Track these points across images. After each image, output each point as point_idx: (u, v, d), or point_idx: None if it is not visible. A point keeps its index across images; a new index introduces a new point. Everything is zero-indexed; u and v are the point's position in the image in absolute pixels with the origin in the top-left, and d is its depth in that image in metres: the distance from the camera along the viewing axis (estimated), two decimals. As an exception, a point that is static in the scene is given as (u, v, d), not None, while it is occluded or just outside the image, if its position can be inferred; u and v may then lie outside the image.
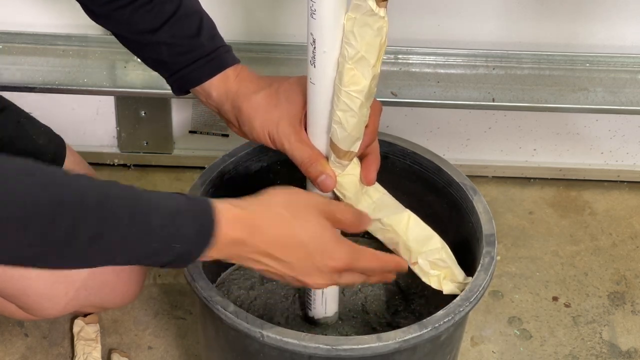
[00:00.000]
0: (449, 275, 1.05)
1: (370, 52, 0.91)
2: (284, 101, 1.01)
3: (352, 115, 0.94)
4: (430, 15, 1.48)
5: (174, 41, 1.05)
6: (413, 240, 1.05)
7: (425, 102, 1.46)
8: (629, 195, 1.66)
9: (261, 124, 1.02)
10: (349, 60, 0.91)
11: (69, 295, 1.17)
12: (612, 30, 1.50)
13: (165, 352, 1.37)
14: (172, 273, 1.47)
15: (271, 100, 1.02)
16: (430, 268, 1.05)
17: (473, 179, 1.18)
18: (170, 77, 1.08)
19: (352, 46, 0.90)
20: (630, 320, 1.44)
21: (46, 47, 1.48)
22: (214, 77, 1.05)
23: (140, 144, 1.63)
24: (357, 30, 0.89)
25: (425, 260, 1.04)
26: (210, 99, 1.07)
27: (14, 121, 1.15)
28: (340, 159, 0.99)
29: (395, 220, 1.04)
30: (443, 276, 1.05)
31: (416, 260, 1.05)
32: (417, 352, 1.01)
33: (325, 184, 1.00)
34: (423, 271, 1.05)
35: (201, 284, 1.01)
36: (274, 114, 1.01)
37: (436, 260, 1.05)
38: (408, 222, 1.05)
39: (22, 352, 1.36)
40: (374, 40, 0.90)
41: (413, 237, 1.05)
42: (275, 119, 1.01)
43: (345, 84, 0.92)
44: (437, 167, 1.17)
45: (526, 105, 1.46)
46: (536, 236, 1.57)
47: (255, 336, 0.97)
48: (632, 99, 1.47)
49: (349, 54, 0.91)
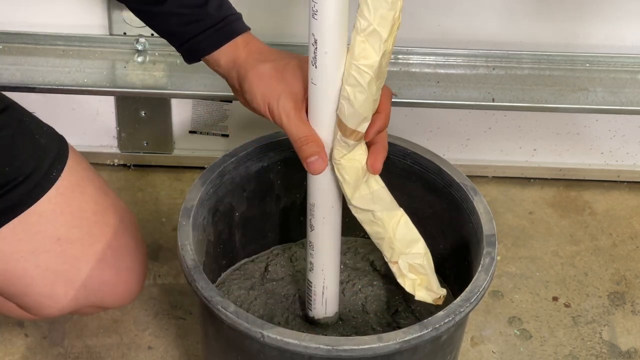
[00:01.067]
0: (424, 282, 1.06)
1: (383, 26, 0.90)
2: (290, 77, 1.01)
3: (361, 91, 0.94)
4: (430, 15, 1.48)
5: (181, 11, 1.06)
6: (399, 240, 1.05)
7: (425, 102, 1.46)
8: (629, 195, 1.66)
9: (262, 95, 1.01)
10: (361, 32, 0.90)
11: (69, 295, 1.17)
12: (612, 30, 1.50)
13: (165, 352, 1.37)
14: (172, 273, 1.47)
15: (277, 73, 1.01)
16: (408, 271, 1.05)
17: (473, 179, 1.18)
18: (180, 47, 1.09)
19: (365, 18, 0.89)
20: (630, 320, 1.44)
21: (46, 47, 1.48)
22: (222, 46, 1.05)
23: (140, 144, 1.63)
24: (372, 2, 0.88)
25: (405, 263, 1.05)
26: (219, 67, 1.07)
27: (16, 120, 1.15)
28: (346, 138, 0.98)
29: (387, 216, 1.04)
30: (418, 282, 1.06)
31: (397, 260, 1.05)
32: (418, 352, 1.01)
33: (315, 165, 0.99)
34: (401, 272, 1.06)
35: (201, 284, 1.01)
36: (277, 87, 1.00)
37: (416, 265, 1.05)
38: (399, 221, 1.05)
39: (22, 352, 1.36)
40: (387, 14, 0.89)
41: (400, 237, 1.05)
42: (277, 92, 1.00)
43: (355, 57, 0.91)
44: (437, 167, 1.17)
45: (526, 105, 1.46)
46: (536, 236, 1.57)
47: (256, 336, 0.97)
48: (632, 99, 1.47)
49: (361, 26, 0.89)
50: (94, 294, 1.18)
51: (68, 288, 1.16)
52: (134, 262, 1.20)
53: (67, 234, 1.12)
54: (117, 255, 1.17)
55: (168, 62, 1.48)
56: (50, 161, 1.11)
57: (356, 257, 1.28)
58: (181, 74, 1.47)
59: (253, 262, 1.27)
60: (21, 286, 1.14)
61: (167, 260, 1.49)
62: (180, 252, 1.06)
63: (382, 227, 1.05)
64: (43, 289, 1.14)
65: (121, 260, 1.18)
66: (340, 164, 1.00)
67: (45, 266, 1.13)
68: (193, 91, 1.46)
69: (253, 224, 1.24)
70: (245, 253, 1.27)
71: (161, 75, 1.47)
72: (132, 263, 1.20)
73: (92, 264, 1.15)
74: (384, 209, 1.04)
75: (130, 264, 1.20)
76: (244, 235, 1.24)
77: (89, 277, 1.17)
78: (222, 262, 1.23)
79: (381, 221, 1.04)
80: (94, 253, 1.15)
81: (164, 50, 1.49)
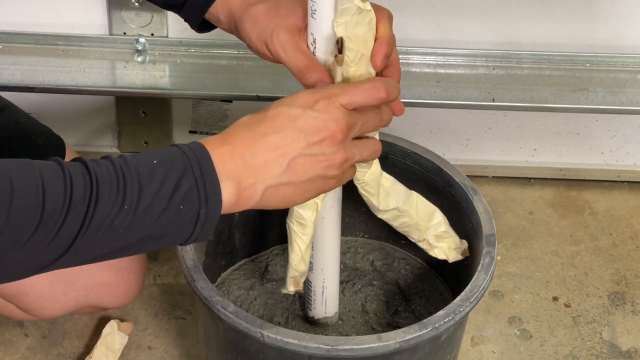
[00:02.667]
0: (451, 244, 1.12)
1: (367, 48, 0.91)
2: (284, 11, 0.97)
3: None
4: (430, 15, 1.48)
5: None
6: (422, 219, 1.09)
7: (425, 102, 1.46)
8: (629, 195, 1.66)
9: (258, 35, 0.98)
10: (352, 63, 0.91)
11: (68, 295, 1.17)
12: (612, 30, 1.50)
13: (165, 352, 1.37)
14: (172, 273, 1.47)
15: (270, 10, 0.98)
16: (436, 241, 1.11)
17: (473, 179, 1.18)
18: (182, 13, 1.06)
19: (350, 50, 0.90)
20: (630, 320, 1.44)
21: (46, 47, 1.48)
22: (216, 0, 1.03)
23: (140, 144, 1.63)
24: (351, 32, 0.89)
25: (432, 236, 1.10)
26: (222, 24, 1.04)
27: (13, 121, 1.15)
28: None
29: (408, 205, 1.08)
30: (446, 247, 1.12)
31: (424, 237, 1.10)
32: (418, 352, 1.01)
33: None
34: (430, 246, 1.11)
35: (201, 284, 1.01)
36: (270, 23, 0.97)
37: (441, 233, 1.11)
38: (417, 203, 1.09)
39: (22, 352, 1.36)
40: (367, 35, 0.91)
41: (422, 216, 1.09)
42: (270, 28, 0.97)
43: None
44: (437, 167, 1.17)
45: (526, 105, 1.46)
46: (536, 236, 1.57)
47: (256, 336, 0.97)
48: (632, 99, 1.47)
49: (350, 58, 0.91)
50: (93, 294, 1.18)
51: (67, 289, 1.16)
52: (133, 262, 1.20)
53: None
54: None
55: (168, 62, 1.48)
56: None
57: (356, 257, 1.28)
58: (181, 74, 1.47)
59: (253, 262, 1.27)
60: (20, 287, 1.14)
61: (167, 260, 1.49)
62: (180, 252, 1.06)
63: (407, 216, 1.08)
64: (42, 290, 1.14)
65: (120, 261, 1.18)
66: (365, 181, 1.01)
67: None
68: (193, 91, 1.46)
69: (253, 224, 1.24)
70: (245, 253, 1.27)
71: (161, 75, 1.47)
72: (131, 263, 1.20)
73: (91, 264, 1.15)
74: (404, 201, 1.07)
75: (130, 264, 1.20)
76: (244, 235, 1.24)
77: (88, 278, 1.17)
78: (222, 262, 1.23)
79: (405, 212, 1.08)
80: None
81: (164, 50, 1.49)
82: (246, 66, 1.48)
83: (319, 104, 0.86)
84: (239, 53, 1.49)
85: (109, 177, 0.78)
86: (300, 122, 0.85)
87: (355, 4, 0.87)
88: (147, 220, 0.80)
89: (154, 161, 0.81)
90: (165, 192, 0.80)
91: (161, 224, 0.80)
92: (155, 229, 0.80)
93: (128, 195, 0.78)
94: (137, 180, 0.79)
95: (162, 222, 0.80)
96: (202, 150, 0.83)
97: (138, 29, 1.48)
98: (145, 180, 0.79)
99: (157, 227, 0.80)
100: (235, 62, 1.49)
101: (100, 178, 0.78)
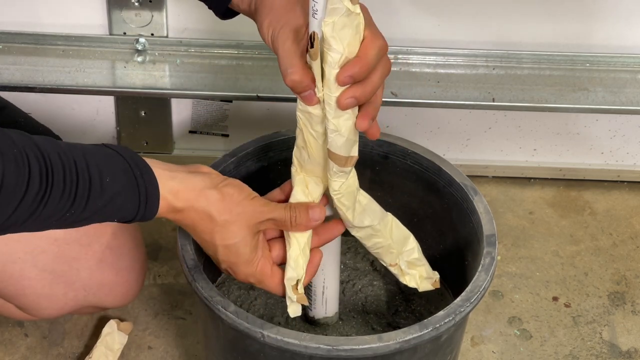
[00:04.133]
0: (423, 273, 1.10)
1: (352, 52, 0.90)
2: (299, 10, 0.97)
3: (347, 118, 0.94)
4: (430, 15, 1.48)
5: None
6: (395, 242, 1.08)
7: (425, 102, 1.46)
8: (629, 195, 1.66)
9: (269, 24, 0.99)
10: (335, 65, 0.90)
11: (67, 295, 1.17)
12: (612, 30, 1.50)
13: (165, 352, 1.37)
14: (172, 273, 1.47)
15: (289, 4, 0.98)
16: (407, 268, 1.09)
17: (473, 179, 1.18)
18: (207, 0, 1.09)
19: (335, 51, 0.89)
20: (631, 320, 1.44)
21: (46, 47, 1.48)
22: None
23: (140, 144, 1.63)
24: (338, 34, 0.89)
25: (404, 261, 1.09)
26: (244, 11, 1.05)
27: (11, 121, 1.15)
28: (342, 167, 0.98)
29: (382, 225, 1.07)
30: (418, 275, 1.10)
31: (397, 262, 1.09)
32: (418, 352, 1.01)
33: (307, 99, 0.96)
34: (402, 272, 1.10)
35: (201, 284, 1.01)
36: (283, 17, 0.97)
37: (413, 260, 1.09)
38: (391, 225, 1.08)
39: (22, 352, 1.36)
40: (353, 39, 0.90)
41: (395, 239, 1.08)
42: (282, 22, 0.97)
43: (334, 90, 0.92)
44: (437, 167, 1.17)
45: (526, 105, 1.46)
46: (536, 236, 1.57)
47: (256, 336, 0.97)
48: (632, 99, 1.47)
49: (334, 60, 0.90)
50: (93, 294, 1.18)
51: (67, 289, 1.16)
52: (133, 262, 1.20)
53: (64, 235, 1.12)
54: (116, 255, 1.17)
55: (168, 62, 1.48)
56: None
57: (356, 257, 1.28)
58: (181, 74, 1.47)
59: (253, 262, 1.27)
60: (19, 287, 1.14)
61: (167, 260, 1.49)
62: (180, 252, 1.06)
63: (381, 236, 1.07)
64: (41, 289, 1.14)
65: (120, 260, 1.18)
66: (341, 193, 1.01)
67: (43, 267, 1.13)
68: (193, 91, 1.46)
69: (253, 224, 1.24)
70: (245, 253, 1.27)
71: (161, 75, 1.47)
72: (131, 263, 1.20)
73: (91, 264, 1.15)
74: (379, 220, 1.06)
75: (130, 264, 1.20)
76: (244, 235, 1.24)
77: (88, 278, 1.16)
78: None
79: (379, 232, 1.06)
80: (92, 253, 1.15)
81: (164, 50, 1.49)
82: (246, 66, 1.48)
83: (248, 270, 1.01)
84: (239, 53, 1.49)
85: (64, 185, 0.86)
86: (224, 256, 1.00)
87: (344, 5, 0.87)
88: (85, 222, 0.91)
89: (106, 179, 0.89)
90: (108, 208, 0.90)
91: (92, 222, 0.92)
92: (91, 222, 0.92)
93: (74, 205, 0.87)
94: (87, 193, 0.88)
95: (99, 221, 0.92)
96: (152, 181, 0.93)
97: (138, 29, 1.48)
98: (95, 194, 0.89)
99: (93, 222, 0.92)
100: (235, 62, 1.49)
101: (55, 184, 0.85)
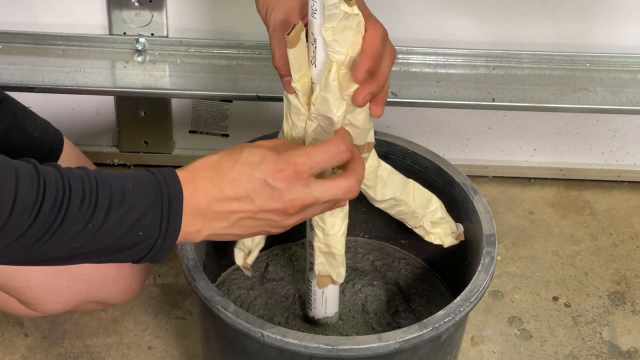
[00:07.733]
0: (447, 230, 1.14)
1: (356, 51, 0.91)
2: None
3: (360, 111, 0.95)
4: (430, 15, 1.48)
5: None
6: (418, 207, 1.11)
7: (425, 102, 1.46)
8: (629, 195, 1.66)
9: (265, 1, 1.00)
10: (342, 66, 0.92)
11: (71, 288, 1.17)
12: (612, 30, 1.50)
13: (165, 352, 1.37)
14: (172, 273, 1.47)
15: None
16: (432, 228, 1.13)
17: (473, 179, 1.18)
18: None
19: (339, 53, 0.91)
20: (631, 320, 1.44)
21: (46, 47, 1.48)
22: None
23: (140, 144, 1.63)
24: (339, 37, 0.90)
25: (428, 222, 1.12)
26: None
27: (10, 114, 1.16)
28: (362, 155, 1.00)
29: (405, 194, 1.09)
30: (442, 233, 1.13)
31: (421, 224, 1.12)
32: (418, 352, 1.01)
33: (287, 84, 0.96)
34: (426, 232, 1.13)
35: (201, 284, 1.01)
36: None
37: (437, 219, 1.12)
38: (414, 192, 1.10)
39: (22, 352, 1.36)
40: (356, 38, 0.91)
41: (418, 203, 1.11)
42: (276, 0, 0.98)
43: (346, 88, 0.93)
44: (437, 167, 1.17)
45: (526, 105, 1.46)
46: (536, 236, 1.57)
47: (256, 336, 0.97)
48: (632, 99, 1.47)
49: (339, 61, 0.91)
50: (96, 288, 1.18)
51: (71, 282, 1.16)
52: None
53: None
54: None
55: (168, 62, 1.48)
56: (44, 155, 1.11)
57: (356, 257, 1.28)
58: (181, 74, 1.47)
59: (253, 262, 1.27)
60: (24, 279, 1.14)
61: (167, 260, 1.49)
62: (180, 252, 1.06)
63: (404, 205, 1.10)
64: (45, 282, 1.15)
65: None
66: None
67: None
68: (193, 91, 1.46)
69: (253, 224, 1.24)
70: (245, 253, 1.27)
71: (161, 75, 1.47)
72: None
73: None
74: (401, 191, 1.08)
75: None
76: (244, 235, 1.24)
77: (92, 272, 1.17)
78: (222, 262, 1.23)
79: (402, 201, 1.09)
80: None
81: (164, 50, 1.49)
82: (246, 66, 1.48)
83: (280, 175, 0.89)
84: (238, 53, 1.49)
85: (82, 192, 0.82)
86: (258, 189, 0.88)
87: (342, 9, 0.87)
88: (105, 240, 0.84)
89: (129, 185, 0.85)
90: (130, 218, 0.84)
91: (117, 245, 0.85)
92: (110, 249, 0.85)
93: (95, 215, 0.82)
94: (108, 202, 0.83)
95: (119, 244, 0.85)
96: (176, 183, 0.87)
97: (138, 29, 1.48)
98: (116, 203, 0.83)
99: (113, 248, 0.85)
100: (235, 62, 1.49)
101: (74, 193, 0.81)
